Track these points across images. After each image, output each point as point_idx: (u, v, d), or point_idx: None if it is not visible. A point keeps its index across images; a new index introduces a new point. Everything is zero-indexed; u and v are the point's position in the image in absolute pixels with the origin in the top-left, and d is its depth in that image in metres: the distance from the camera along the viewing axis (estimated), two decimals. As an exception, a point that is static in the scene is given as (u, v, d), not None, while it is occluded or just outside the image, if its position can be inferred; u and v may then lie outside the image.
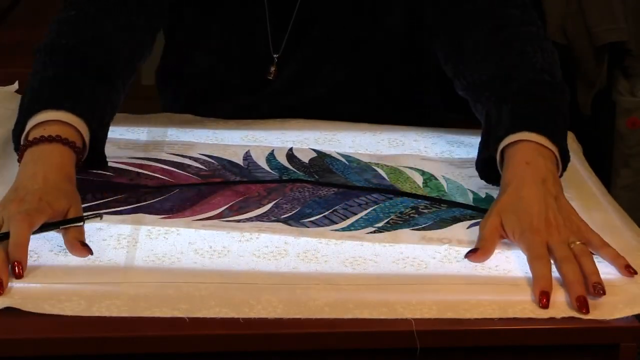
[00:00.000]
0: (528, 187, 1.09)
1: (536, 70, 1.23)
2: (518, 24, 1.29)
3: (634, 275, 1.02)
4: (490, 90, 1.24)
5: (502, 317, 0.96)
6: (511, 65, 1.24)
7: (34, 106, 1.15)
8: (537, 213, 1.07)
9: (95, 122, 1.16)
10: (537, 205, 1.07)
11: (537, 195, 1.09)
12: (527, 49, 1.25)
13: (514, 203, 1.09)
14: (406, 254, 1.06)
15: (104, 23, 1.26)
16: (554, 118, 1.18)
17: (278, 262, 1.03)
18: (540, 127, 1.15)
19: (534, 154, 1.13)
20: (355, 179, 1.24)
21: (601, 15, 2.29)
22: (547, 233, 1.05)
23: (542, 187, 1.09)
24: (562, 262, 1.02)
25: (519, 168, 1.12)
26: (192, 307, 0.95)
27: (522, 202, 1.08)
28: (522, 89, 1.21)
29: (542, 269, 1.01)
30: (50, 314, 0.93)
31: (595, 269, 1.01)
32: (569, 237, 1.05)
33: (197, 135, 1.34)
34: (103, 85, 1.20)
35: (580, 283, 0.99)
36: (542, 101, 1.19)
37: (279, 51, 1.42)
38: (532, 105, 1.19)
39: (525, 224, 1.06)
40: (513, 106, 1.19)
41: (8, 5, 2.13)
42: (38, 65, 1.21)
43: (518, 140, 1.14)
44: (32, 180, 1.06)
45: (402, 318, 0.95)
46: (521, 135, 1.14)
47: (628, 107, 2.33)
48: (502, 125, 1.17)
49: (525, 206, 1.08)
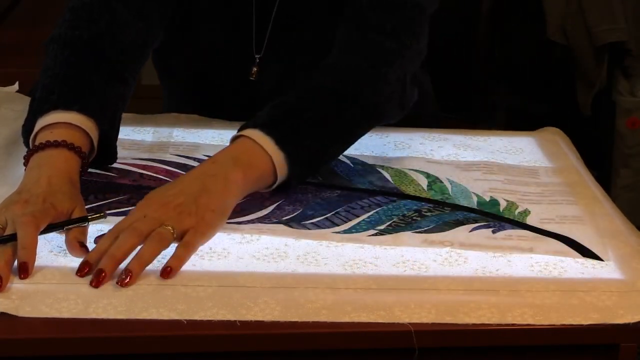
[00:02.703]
0: (187, 176, 1.09)
1: (335, 77, 1.21)
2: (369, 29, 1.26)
3: (164, 276, 0.99)
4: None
5: (501, 322, 0.95)
6: (326, 68, 1.23)
7: (44, 105, 1.15)
8: (169, 194, 1.05)
9: (107, 122, 1.17)
10: (174, 189, 1.06)
11: (185, 183, 1.07)
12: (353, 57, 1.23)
13: (165, 185, 1.09)
14: (407, 256, 1.06)
15: (117, 11, 1.26)
16: (306, 125, 1.15)
17: (278, 265, 1.03)
18: (277, 129, 1.13)
19: (231, 155, 1.11)
20: (358, 181, 1.23)
21: (601, 15, 2.29)
22: (153, 209, 1.03)
23: (198, 179, 1.08)
24: (124, 231, 1.00)
25: (204, 163, 1.12)
26: (189, 308, 0.94)
27: (169, 185, 1.08)
28: (301, 89, 1.20)
29: (102, 243, 1.00)
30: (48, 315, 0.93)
31: (146, 255, 0.98)
32: (167, 221, 1.02)
33: (202, 136, 1.35)
34: (115, 82, 1.21)
35: (113, 258, 0.98)
36: (304, 105, 1.18)
37: (261, 52, 1.42)
38: (291, 106, 1.17)
39: (148, 198, 1.06)
40: (275, 102, 1.18)
41: (8, 5, 2.13)
42: (50, 59, 1.21)
43: (243, 135, 1.13)
44: (36, 184, 1.07)
45: (400, 322, 0.94)
46: (247, 131, 1.13)
47: (628, 107, 2.32)
48: (252, 119, 1.16)
49: (167, 188, 1.07)
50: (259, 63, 1.42)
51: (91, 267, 0.98)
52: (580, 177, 1.27)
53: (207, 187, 1.07)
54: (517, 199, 1.21)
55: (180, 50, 1.45)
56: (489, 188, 1.23)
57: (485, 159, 1.32)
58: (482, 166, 1.30)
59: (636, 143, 2.34)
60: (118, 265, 0.98)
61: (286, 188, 1.15)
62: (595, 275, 1.04)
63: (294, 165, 1.13)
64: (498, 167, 1.30)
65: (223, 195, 1.08)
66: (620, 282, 1.03)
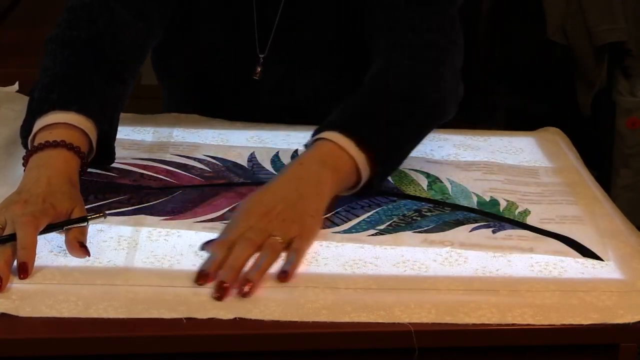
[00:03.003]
0: (280, 181, 1.09)
1: (396, 77, 1.22)
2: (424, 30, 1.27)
3: (282, 279, 0.99)
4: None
5: (501, 322, 0.95)
6: (378, 67, 1.24)
7: (43, 105, 1.15)
8: (266, 201, 1.06)
9: (106, 122, 1.17)
10: (271, 196, 1.07)
11: (281, 188, 1.08)
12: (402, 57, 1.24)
13: (258, 192, 1.08)
14: (407, 256, 1.06)
15: (116, 11, 1.26)
16: (382, 127, 1.16)
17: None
18: (356, 131, 1.13)
19: (317, 158, 1.11)
20: (359, 181, 1.23)
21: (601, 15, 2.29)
22: (257, 219, 1.03)
23: (293, 184, 1.08)
24: (238, 242, 1.01)
25: (291, 167, 1.12)
26: (189, 309, 0.94)
27: (263, 191, 1.08)
28: (367, 90, 1.21)
29: (215, 252, 1.01)
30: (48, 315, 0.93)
31: (262, 266, 0.99)
32: (274, 231, 1.03)
33: (202, 136, 1.35)
34: (114, 82, 1.20)
35: (234, 269, 0.98)
36: (376, 107, 1.18)
37: (265, 51, 1.42)
38: (364, 108, 1.18)
39: (248, 206, 1.06)
40: (345, 105, 1.18)
41: (8, 5, 2.13)
42: (49, 59, 1.21)
43: (323, 138, 1.13)
44: (35, 184, 1.07)
45: (400, 322, 0.94)
46: (329, 134, 1.13)
47: (628, 107, 2.33)
48: (325, 121, 1.16)
49: (262, 194, 1.07)
50: (263, 62, 1.42)
51: (210, 277, 0.98)
52: (580, 177, 1.27)
53: (301, 192, 1.08)
54: (517, 199, 1.21)
55: (180, 51, 1.45)
56: (489, 188, 1.23)
57: (485, 159, 1.32)
58: (482, 166, 1.30)
59: (636, 143, 2.34)
60: (238, 275, 0.98)
61: (368, 189, 1.16)
62: (595, 275, 1.04)
63: (376, 166, 1.14)
64: (498, 167, 1.30)
65: (317, 199, 1.08)
66: (620, 282, 1.03)
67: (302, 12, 1.40)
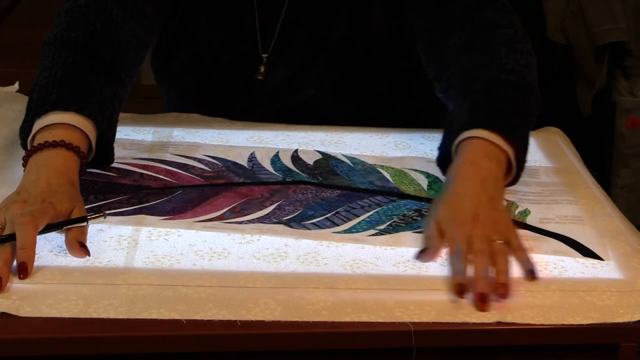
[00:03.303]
0: (465, 184, 1.11)
1: (504, 70, 1.24)
2: (495, 26, 1.29)
3: (534, 280, 1.01)
4: (456, 88, 1.25)
5: (501, 322, 0.95)
6: (481, 64, 1.25)
7: (42, 106, 1.15)
8: (467, 208, 1.07)
9: (105, 122, 1.17)
10: (469, 201, 1.08)
11: (472, 192, 1.10)
12: (500, 50, 1.26)
13: (449, 199, 1.10)
14: (407, 256, 1.06)
15: (113, 13, 1.25)
16: (513, 118, 1.19)
17: (278, 265, 1.03)
18: (496, 125, 1.16)
19: (481, 154, 1.14)
20: (359, 181, 1.23)
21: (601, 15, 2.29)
22: (471, 227, 1.05)
23: (479, 186, 1.10)
24: (477, 255, 1.02)
25: (462, 167, 1.13)
26: (189, 309, 0.94)
27: (456, 198, 1.10)
28: (485, 87, 1.22)
29: (458, 263, 1.02)
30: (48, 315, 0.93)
31: (505, 269, 1.01)
32: (492, 235, 1.05)
33: (202, 136, 1.34)
34: (112, 83, 1.20)
35: (487, 279, 0.99)
36: (503, 101, 1.20)
37: (268, 51, 1.42)
38: (491, 103, 1.19)
39: (452, 216, 1.07)
40: (473, 103, 1.20)
41: (8, 5, 2.13)
42: (47, 60, 1.21)
43: (472, 136, 1.15)
44: (35, 184, 1.07)
45: (400, 322, 0.94)
46: (476, 132, 1.15)
47: (628, 107, 2.33)
48: (460, 121, 1.18)
49: (458, 201, 1.09)
50: (266, 62, 1.41)
51: (467, 289, 0.99)
52: (580, 177, 1.27)
53: (488, 192, 1.10)
54: (517, 199, 1.21)
55: (180, 52, 1.45)
56: (489, 188, 1.23)
57: (485, 159, 1.32)
58: (482, 166, 1.29)
59: (636, 143, 2.34)
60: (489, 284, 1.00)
61: (514, 182, 1.18)
62: (595, 274, 1.04)
63: (522, 159, 1.17)
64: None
65: (500, 195, 1.13)
66: (620, 281, 1.03)
67: (309, 9, 1.39)
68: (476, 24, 1.30)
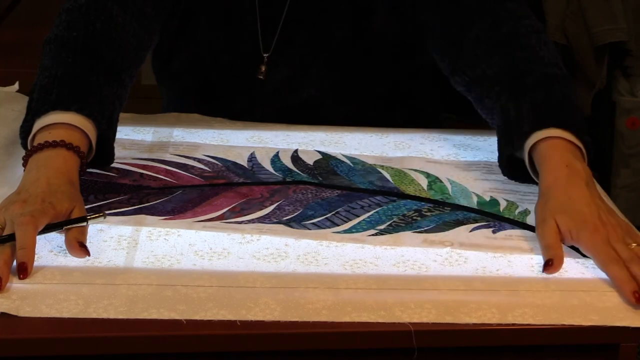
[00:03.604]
0: (573, 188, 1.10)
1: (546, 64, 1.24)
2: (517, 17, 1.30)
3: None
4: (500, 85, 1.24)
5: (501, 322, 0.95)
6: (519, 58, 1.25)
7: (42, 106, 1.15)
8: (589, 212, 1.07)
9: (105, 122, 1.17)
10: (588, 206, 1.08)
11: (586, 196, 1.09)
12: (531, 42, 1.26)
13: (564, 204, 1.09)
14: (407, 256, 1.06)
15: (113, 12, 1.25)
16: (574, 112, 1.19)
17: (278, 264, 1.03)
18: (565, 122, 1.16)
19: (568, 155, 1.14)
20: (359, 181, 1.23)
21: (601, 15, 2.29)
22: (605, 232, 1.05)
23: (587, 189, 1.10)
24: (630, 263, 1.02)
25: (559, 171, 1.12)
26: (189, 309, 0.94)
27: (573, 203, 1.09)
28: (538, 83, 1.21)
29: (621, 271, 1.01)
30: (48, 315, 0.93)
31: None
32: (625, 238, 1.05)
33: (202, 136, 1.35)
34: (112, 83, 1.20)
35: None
36: (560, 95, 1.20)
37: (269, 51, 1.42)
38: (552, 100, 1.19)
39: (580, 223, 1.06)
40: (532, 101, 1.19)
41: (8, 5, 2.13)
42: (47, 60, 1.21)
43: (547, 137, 1.15)
44: (35, 184, 1.07)
45: (400, 322, 0.94)
46: (549, 132, 1.15)
47: (628, 107, 2.33)
48: (525, 122, 1.17)
49: (577, 206, 1.08)
50: (267, 62, 1.41)
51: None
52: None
53: (595, 194, 1.10)
54: (517, 199, 1.21)
55: (181, 52, 1.45)
56: (489, 188, 1.23)
57: (485, 159, 1.32)
58: (482, 166, 1.30)
59: (636, 143, 2.34)
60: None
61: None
62: (595, 275, 1.04)
63: (591, 152, 1.17)
64: (498, 167, 1.29)
65: (600, 196, 1.12)
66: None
67: (310, 9, 1.39)
68: (497, 15, 1.29)
